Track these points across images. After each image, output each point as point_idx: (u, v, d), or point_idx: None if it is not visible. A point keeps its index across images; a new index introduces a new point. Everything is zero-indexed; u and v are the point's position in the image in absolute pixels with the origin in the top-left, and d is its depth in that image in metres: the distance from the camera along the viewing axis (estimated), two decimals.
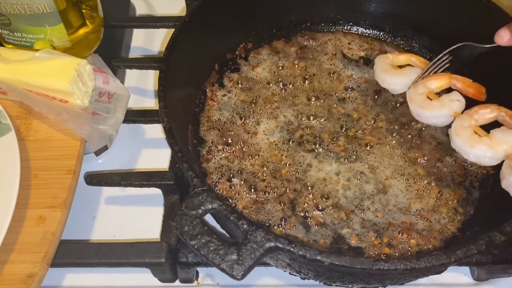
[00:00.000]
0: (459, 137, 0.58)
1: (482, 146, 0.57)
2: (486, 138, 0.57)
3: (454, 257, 0.44)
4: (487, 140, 0.57)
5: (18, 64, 0.64)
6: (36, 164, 0.61)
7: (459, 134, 0.58)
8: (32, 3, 0.63)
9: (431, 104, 0.61)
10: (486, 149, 0.56)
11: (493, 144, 0.56)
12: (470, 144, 0.57)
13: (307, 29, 0.77)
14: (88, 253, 0.56)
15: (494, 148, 0.56)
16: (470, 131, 0.58)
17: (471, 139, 0.57)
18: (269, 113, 0.68)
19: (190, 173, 0.49)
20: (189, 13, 0.64)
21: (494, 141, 0.57)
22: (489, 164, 0.58)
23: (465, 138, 0.58)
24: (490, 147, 0.56)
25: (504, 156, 0.56)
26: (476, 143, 0.57)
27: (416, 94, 0.63)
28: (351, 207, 0.59)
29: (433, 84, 0.63)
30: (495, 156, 0.57)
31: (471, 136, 0.58)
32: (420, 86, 0.63)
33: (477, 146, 0.57)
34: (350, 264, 0.43)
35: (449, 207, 0.60)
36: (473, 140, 0.57)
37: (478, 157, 0.57)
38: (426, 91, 0.63)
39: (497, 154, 0.56)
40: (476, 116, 0.59)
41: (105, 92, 0.66)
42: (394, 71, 0.66)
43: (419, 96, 0.62)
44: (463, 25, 0.68)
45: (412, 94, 0.63)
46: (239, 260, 0.43)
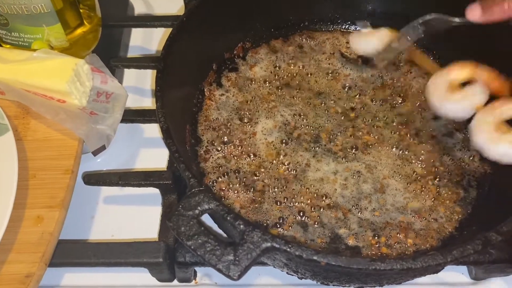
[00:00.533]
0: (481, 132, 0.55)
1: (505, 143, 0.53)
2: (509, 134, 0.54)
3: (451, 257, 0.44)
4: (510, 136, 0.53)
5: (16, 64, 0.64)
6: (34, 164, 0.61)
7: (481, 129, 0.55)
8: (29, 3, 0.63)
9: (452, 96, 0.57)
10: (509, 147, 0.53)
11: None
12: (492, 140, 0.54)
13: (305, 28, 0.77)
14: (86, 253, 0.56)
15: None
16: (492, 127, 0.54)
17: (493, 135, 0.54)
18: (267, 112, 0.68)
19: (187, 174, 0.49)
20: (187, 13, 0.64)
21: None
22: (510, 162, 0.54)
23: (488, 134, 0.54)
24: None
25: None
26: (498, 139, 0.53)
27: (437, 85, 0.59)
28: (349, 207, 0.59)
29: (455, 74, 0.59)
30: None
31: (493, 132, 0.54)
32: (442, 77, 0.59)
33: (500, 142, 0.53)
34: (347, 264, 0.43)
35: (447, 207, 0.60)
36: (495, 136, 0.54)
37: (500, 154, 0.54)
38: (447, 82, 0.59)
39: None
40: (499, 111, 0.55)
41: (103, 92, 0.66)
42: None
43: (440, 87, 0.58)
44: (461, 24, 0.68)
45: (432, 85, 0.60)
46: (235, 260, 0.43)
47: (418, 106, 0.68)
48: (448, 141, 0.65)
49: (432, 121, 0.67)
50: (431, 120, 0.67)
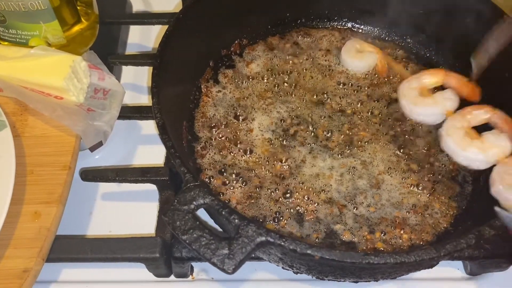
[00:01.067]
0: (451, 138, 0.57)
1: (473, 149, 0.55)
2: (477, 141, 0.56)
3: (444, 251, 0.44)
4: (479, 143, 0.55)
5: (13, 61, 0.64)
6: (32, 160, 0.62)
7: (451, 134, 0.57)
8: (27, 0, 0.64)
9: (423, 101, 0.60)
10: (477, 152, 0.55)
11: (485, 147, 0.55)
12: (461, 146, 0.56)
13: (302, 25, 0.77)
14: (84, 248, 0.57)
15: (485, 151, 0.55)
16: (462, 133, 0.56)
17: (463, 141, 0.56)
18: (264, 109, 0.68)
19: (183, 169, 0.49)
20: (183, 10, 0.65)
21: (486, 144, 0.55)
22: (479, 168, 0.56)
23: (457, 139, 0.56)
24: (481, 150, 0.55)
25: (495, 161, 0.55)
26: (468, 146, 0.55)
27: (409, 89, 0.61)
28: (344, 202, 0.60)
29: (427, 79, 0.62)
30: (486, 160, 0.55)
31: (463, 138, 0.56)
32: (414, 81, 0.62)
33: (469, 148, 0.55)
34: (340, 258, 0.44)
35: (442, 202, 0.60)
36: (465, 142, 0.56)
37: (469, 160, 0.56)
38: (419, 86, 0.61)
39: (488, 158, 0.55)
40: (469, 117, 0.57)
41: (101, 89, 0.67)
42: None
43: (412, 91, 0.61)
44: (458, 21, 0.68)
45: (404, 88, 0.62)
46: (230, 254, 0.44)
47: None
48: None
49: None
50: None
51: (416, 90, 0.61)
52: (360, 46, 0.71)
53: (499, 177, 0.53)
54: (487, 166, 0.56)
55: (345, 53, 0.71)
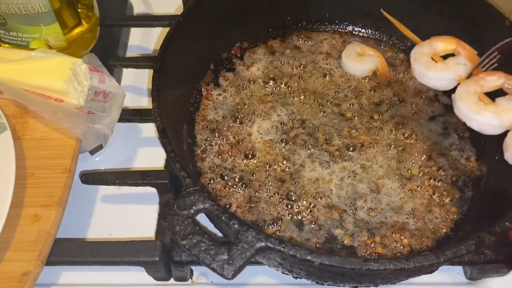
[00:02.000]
0: (464, 102, 0.55)
1: (487, 113, 0.54)
2: (491, 105, 0.55)
3: (443, 257, 0.44)
4: (493, 107, 0.54)
5: (14, 63, 0.64)
6: (32, 163, 0.62)
7: (464, 99, 0.55)
8: (27, 3, 0.64)
9: (436, 66, 0.59)
10: (491, 117, 0.54)
11: (498, 112, 0.54)
12: (475, 110, 0.55)
13: (302, 28, 0.77)
14: (83, 252, 0.57)
15: (499, 115, 0.54)
16: (475, 98, 0.56)
17: (476, 106, 0.55)
18: (264, 112, 0.68)
19: (182, 173, 0.49)
20: (184, 13, 0.65)
21: (500, 109, 0.54)
22: (491, 132, 0.56)
23: (470, 104, 0.55)
24: (495, 114, 0.54)
25: (508, 126, 0.54)
26: (481, 110, 0.54)
27: (421, 54, 0.60)
28: (344, 207, 0.59)
29: (439, 46, 0.61)
30: (500, 125, 0.54)
31: (476, 103, 0.55)
32: (426, 46, 0.61)
33: (482, 112, 0.54)
34: (340, 264, 0.44)
35: (442, 207, 0.60)
36: (478, 107, 0.55)
37: (482, 124, 0.55)
38: (431, 52, 0.60)
39: (502, 122, 0.54)
40: (482, 82, 0.56)
41: (101, 91, 0.67)
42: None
43: (424, 56, 0.60)
44: (459, 24, 0.68)
45: (416, 53, 0.61)
46: (229, 260, 0.44)
47: (415, 107, 0.69)
48: (444, 141, 0.65)
49: (428, 122, 0.67)
50: (427, 121, 0.67)
51: (428, 56, 0.60)
52: (361, 50, 0.71)
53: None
54: (500, 131, 0.55)
55: (346, 56, 0.71)
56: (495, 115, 0.54)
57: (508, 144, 0.53)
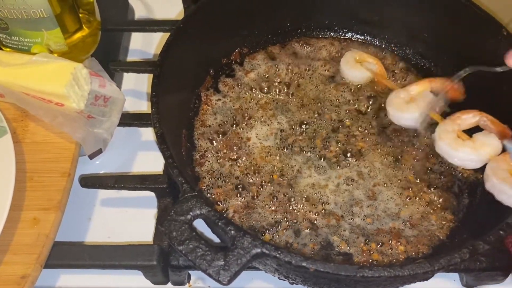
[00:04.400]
0: (443, 141, 0.59)
1: (466, 149, 0.57)
2: (469, 141, 0.58)
3: (438, 265, 0.45)
4: (471, 143, 0.58)
5: (16, 68, 0.65)
6: (32, 166, 0.62)
7: (443, 138, 0.59)
8: (29, 8, 0.64)
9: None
10: (470, 152, 0.57)
11: (477, 147, 0.57)
12: (454, 147, 0.58)
13: (302, 35, 0.78)
14: (81, 255, 0.57)
15: (477, 150, 0.57)
16: (453, 135, 0.59)
17: (455, 143, 0.58)
18: (263, 118, 0.68)
19: (180, 179, 0.50)
20: (184, 19, 0.65)
21: (477, 144, 0.57)
22: (473, 167, 0.59)
23: (449, 141, 0.58)
24: (473, 149, 0.57)
25: (487, 159, 0.57)
26: (460, 146, 0.58)
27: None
28: (341, 213, 0.60)
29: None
30: (479, 159, 0.57)
31: (455, 140, 0.59)
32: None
33: (461, 149, 0.58)
34: (335, 271, 0.44)
35: (438, 214, 0.60)
36: (457, 143, 0.58)
37: (462, 159, 0.58)
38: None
39: (481, 156, 0.57)
40: (458, 121, 0.60)
41: (101, 96, 0.67)
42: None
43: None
44: (457, 33, 0.68)
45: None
46: (225, 265, 0.44)
47: None
48: None
49: (425, 129, 0.67)
50: (425, 128, 0.67)
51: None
52: (360, 57, 0.72)
53: (492, 172, 0.55)
54: (480, 165, 0.58)
55: (344, 63, 0.72)
56: (473, 150, 0.57)
57: (488, 174, 0.55)
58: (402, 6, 0.72)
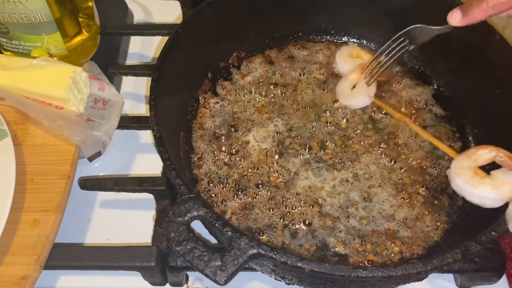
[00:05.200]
0: (460, 177, 0.56)
1: (486, 187, 0.54)
2: (488, 179, 0.55)
3: (430, 265, 0.45)
4: (490, 180, 0.55)
5: (16, 71, 0.66)
6: (32, 168, 0.63)
7: (460, 174, 0.56)
8: (29, 13, 0.65)
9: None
10: (490, 190, 0.54)
11: (496, 185, 0.54)
12: (472, 184, 0.55)
13: (299, 39, 0.79)
14: (81, 256, 0.58)
15: (497, 188, 0.54)
16: (470, 172, 0.56)
17: (473, 180, 0.55)
18: (260, 121, 0.69)
19: (178, 181, 0.50)
20: (182, 24, 0.66)
21: (497, 182, 0.54)
22: (491, 206, 0.55)
23: (467, 178, 0.56)
24: (494, 187, 0.54)
25: (508, 198, 0.53)
26: (479, 184, 0.55)
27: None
28: (337, 215, 0.61)
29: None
30: (499, 198, 0.54)
31: (472, 177, 0.56)
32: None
33: (480, 186, 0.55)
34: (330, 271, 0.45)
35: (433, 215, 0.61)
36: (476, 181, 0.55)
37: (482, 197, 0.55)
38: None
39: (501, 195, 0.54)
40: (474, 157, 0.57)
41: (100, 99, 0.68)
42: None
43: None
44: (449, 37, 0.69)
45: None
46: (222, 266, 0.45)
47: (408, 116, 0.70)
48: (437, 151, 0.66)
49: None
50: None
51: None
52: (355, 52, 0.72)
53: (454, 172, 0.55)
54: (500, 204, 0.54)
55: (339, 56, 0.73)
56: (493, 188, 0.54)
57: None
58: (398, 10, 0.72)
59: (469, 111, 0.69)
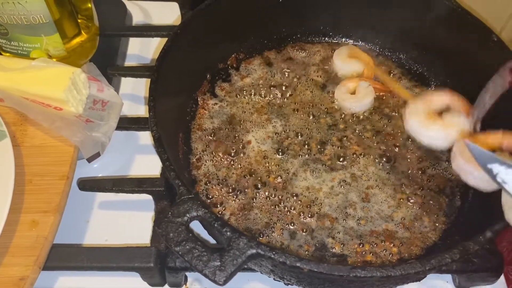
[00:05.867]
0: (414, 119, 0.60)
1: (435, 127, 0.58)
2: (439, 120, 0.58)
3: (429, 265, 0.46)
4: (440, 121, 0.59)
5: (15, 72, 0.66)
6: (31, 169, 0.63)
7: (414, 116, 0.60)
8: (29, 14, 0.65)
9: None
10: (439, 130, 0.58)
11: (446, 126, 0.58)
12: (425, 125, 0.59)
13: (297, 40, 0.79)
14: (79, 257, 0.58)
15: (446, 129, 0.58)
16: (424, 114, 0.60)
17: (425, 121, 0.59)
18: (259, 122, 0.69)
19: (177, 181, 0.51)
20: (181, 25, 0.66)
21: (447, 123, 0.58)
22: (440, 146, 0.59)
23: (420, 120, 0.59)
24: (443, 128, 0.58)
25: (455, 139, 0.57)
26: (430, 125, 0.59)
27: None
28: (335, 215, 0.61)
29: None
30: (448, 138, 0.58)
31: (425, 119, 0.59)
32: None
33: (431, 127, 0.59)
34: (328, 271, 0.45)
35: (431, 216, 0.61)
36: (427, 122, 0.59)
37: (431, 138, 0.59)
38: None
39: (450, 135, 0.58)
40: (429, 101, 0.61)
41: (99, 100, 0.68)
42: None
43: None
44: (449, 39, 0.69)
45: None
46: (221, 266, 0.45)
47: None
48: (434, 152, 0.67)
49: None
50: None
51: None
52: (353, 53, 0.73)
53: (459, 151, 0.56)
54: (448, 145, 0.58)
55: (337, 56, 0.73)
56: (443, 129, 0.58)
57: (456, 154, 0.56)
58: (396, 12, 0.73)
59: None
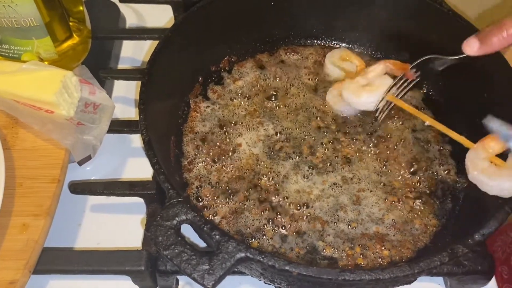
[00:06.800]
0: (347, 91, 0.67)
1: (365, 93, 0.65)
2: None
3: (418, 269, 0.46)
4: (368, 87, 0.66)
5: (6, 75, 0.66)
6: (21, 173, 0.63)
7: (347, 88, 0.67)
8: (19, 17, 0.65)
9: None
10: (368, 95, 0.65)
11: (373, 89, 0.65)
12: (356, 94, 0.66)
13: (290, 43, 0.79)
14: (70, 261, 0.58)
15: (374, 92, 0.65)
16: (356, 85, 0.67)
17: (356, 90, 0.66)
18: (250, 125, 0.69)
19: (166, 185, 0.51)
20: (172, 28, 0.66)
21: (374, 87, 0.66)
22: (370, 109, 0.67)
23: (351, 89, 0.66)
24: (371, 92, 0.65)
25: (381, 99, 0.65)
26: (360, 92, 0.66)
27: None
28: (326, 218, 0.61)
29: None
30: (377, 99, 0.65)
31: (356, 88, 0.66)
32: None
33: (362, 94, 0.66)
34: (317, 275, 0.45)
35: (422, 219, 0.61)
36: (358, 90, 0.66)
37: (364, 104, 0.66)
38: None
39: (378, 96, 0.65)
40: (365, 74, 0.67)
41: (91, 103, 0.68)
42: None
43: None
44: (442, 40, 0.70)
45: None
46: (210, 270, 0.45)
47: (397, 119, 0.70)
48: (426, 154, 0.67)
49: (410, 135, 0.69)
50: (410, 134, 0.69)
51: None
52: (346, 56, 0.73)
53: (471, 164, 0.56)
54: (376, 107, 0.66)
55: (329, 59, 0.74)
56: (371, 93, 0.66)
57: (468, 166, 0.57)
58: (388, 15, 0.73)
59: (458, 114, 0.69)
